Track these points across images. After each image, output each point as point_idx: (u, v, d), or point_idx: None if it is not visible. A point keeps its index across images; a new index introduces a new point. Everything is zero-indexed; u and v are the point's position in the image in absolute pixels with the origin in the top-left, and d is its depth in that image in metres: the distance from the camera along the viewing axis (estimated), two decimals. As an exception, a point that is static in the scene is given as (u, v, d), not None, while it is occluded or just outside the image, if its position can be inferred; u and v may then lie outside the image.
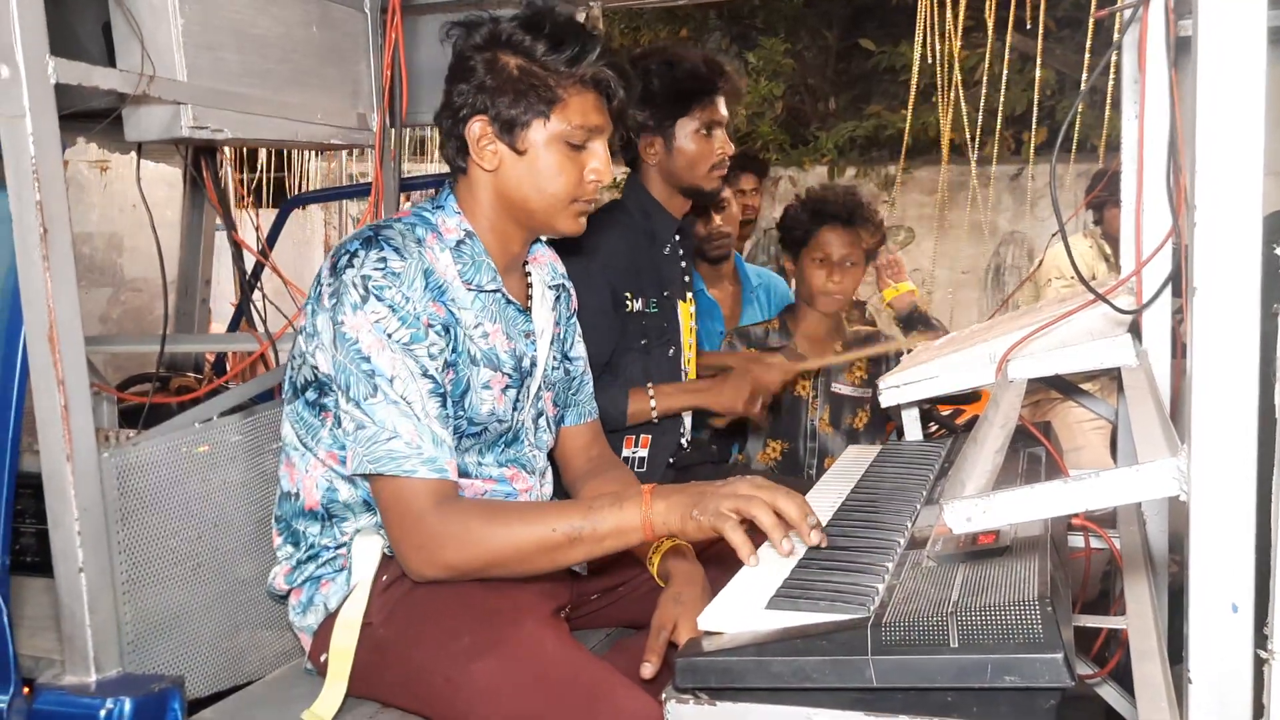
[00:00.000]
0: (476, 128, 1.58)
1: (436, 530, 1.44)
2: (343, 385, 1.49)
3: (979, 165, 6.32)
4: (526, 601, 1.50)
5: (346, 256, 1.51)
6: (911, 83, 5.28)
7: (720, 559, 1.66)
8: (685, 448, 2.39)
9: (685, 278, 2.45)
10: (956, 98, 5.04)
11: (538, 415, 1.74)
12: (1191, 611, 1.00)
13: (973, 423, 1.82)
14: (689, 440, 2.41)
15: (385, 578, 1.56)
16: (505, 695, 1.37)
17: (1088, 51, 4.94)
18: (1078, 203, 5.41)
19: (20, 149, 1.34)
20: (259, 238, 3.13)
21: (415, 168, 7.69)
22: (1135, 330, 1.68)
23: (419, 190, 4.06)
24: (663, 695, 1.18)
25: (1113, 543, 1.75)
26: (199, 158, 2.65)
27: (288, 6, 1.93)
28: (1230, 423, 0.97)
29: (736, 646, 1.17)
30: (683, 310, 2.42)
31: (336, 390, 1.50)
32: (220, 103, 1.75)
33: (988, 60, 5.18)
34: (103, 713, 1.39)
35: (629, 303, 2.25)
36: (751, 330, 2.93)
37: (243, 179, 7.76)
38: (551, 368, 1.76)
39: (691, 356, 2.45)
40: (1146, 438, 1.24)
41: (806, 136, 7.92)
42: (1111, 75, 4.18)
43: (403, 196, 2.64)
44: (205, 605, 1.70)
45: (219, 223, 3.04)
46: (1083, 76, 5.22)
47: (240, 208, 3.05)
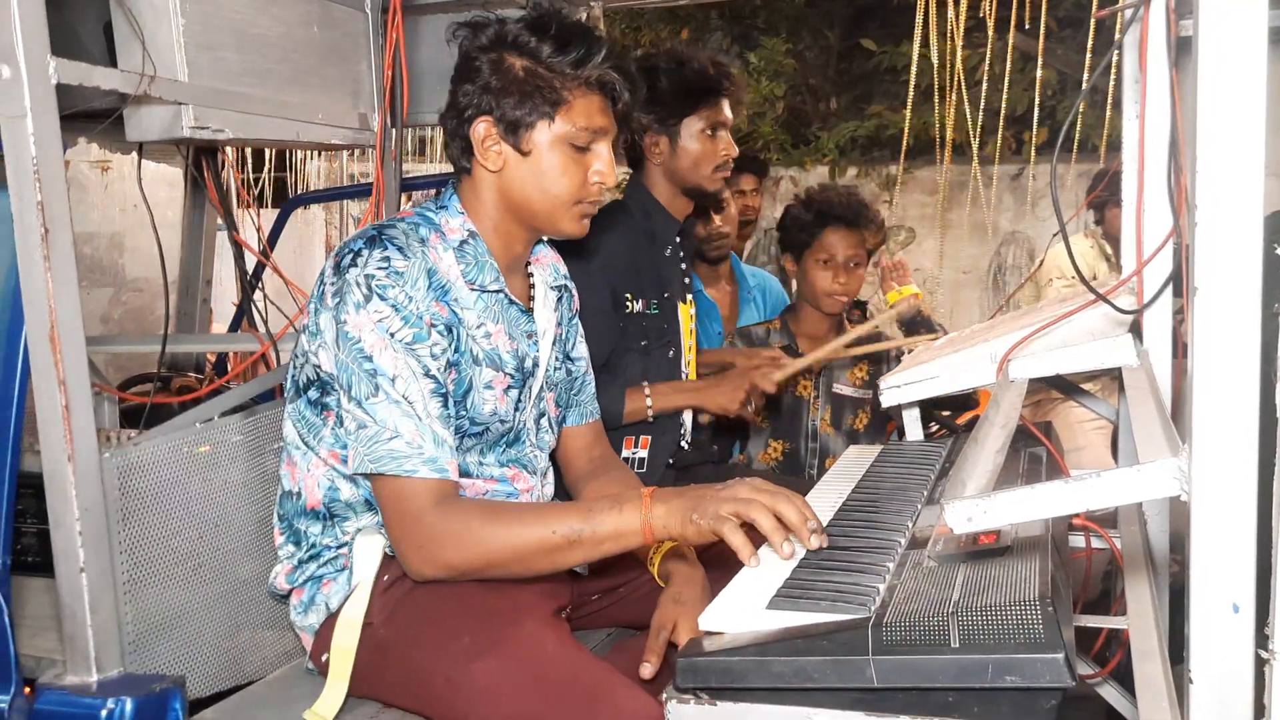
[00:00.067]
0: (481, 128, 1.58)
1: (436, 530, 1.44)
2: (345, 384, 1.49)
3: (980, 165, 6.32)
4: (527, 602, 1.50)
5: (350, 255, 1.51)
6: (911, 83, 5.27)
7: (720, 559, 1.66)
8: (685, 448, 2.39)
9: (685, 279, 2.45)
10: (958, 98, 5.04)
11: (539, 416, 1.74)
12: (1192, 611, 1.00)
13: (973, 423, 1.82)
14: (689, 441, 2.40)
15: (386, 577, 1.56)
16: (505, 695, 1.37)
17: (1089, 51, 4.94)
18: (1079, 203, 5.41)
19: (21, 149, 1.34)
20: (260, 238, 3.13)
21: (416, 168, 7.69)
22: (1136, 330, 1.68)
23: (420, 190, 4.06)
24: (663, 695, 1.18)
25: (1113, 543, 1.75)
26: (200, 158, 2.65)
27: (288, 6, 1.93)
28: (1231, 423, 0.97)
29: (737, 646, 1.17)
30: (683, 311, 2.42)
31: (338, 389, 1.51)
32: (221, 103, 1.75)
33: (988, 60, 5.17)
34: (104, 713, 1.39)
35: (629, 303, 2.25)
36: (753, 330, 2.93)
37: (244, 179, 7.76)
38: (553, 368, 1.76)
39: (691, 359, 2.45)
40: (1147, 438, 1.24)
41: (808, 136, 7.93)
42: (1112, 75, 4.18)
43: (404, 197, 2.64)
44: (206, 605, 1.70)
45: (220, 223, 3.04)
46: (1084, 76, 5.22)
47: (244, 208, 3.05)
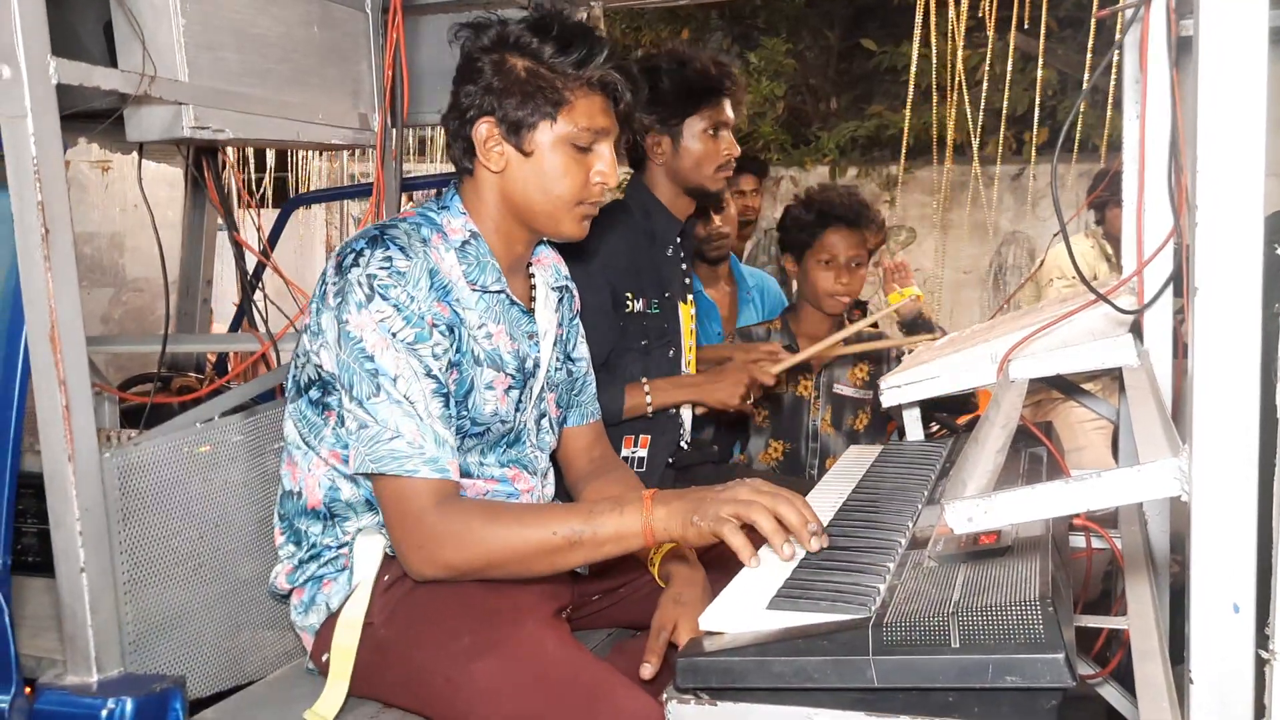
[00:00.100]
0: (483, 129, 1.58)
1: (437, 530, 1.44)
2: (346, 384, 1.49)
3: (981, 165, 6.32)
4: (527, 602, 1.50)
5: (352, 255, 1.51)
6: (910, 82, 5.27)
7: (721, 560, 1.66)
8: (685, 448, 2.39)
9: (686, 279, 2.46)
10: (959, 98, 5.04)
11: (540, 416, 1.74)
12: (1193, 611, 1.00)
13: (974, 423, 1.82)
14: (689, 441, 2.40)
15: (387, 577, 1.56)
16: (505, 695, 1.37)
17: (1089, 51, 4.94)
18: (1079, 203, 5.41)
19: (22, 149, 1.34)
20: (260, 238, 3.13)
21: (416, 168, 7.69)
22: (1137, 330, 1.68)
23: (421, 190, 4.06)
24: (663, 695, 1.18)
25: (1114, 543, 1.75)
26: (200, 158, 2.65)
27: (288, 6, 1.92)
28: (1231, 423, 0.97)
29: (737, 646, 1.17)
30: (683, 311, 2.42)
31: (340, 389, 1.51)
32: (221, 103, 1.75)
33: (989, 60, 5.17)
34: (104, 713, 1.38)
35: (630, 303, 2.25)
36: (753, 330, 2.93)
37: (246, 179, 7.76)
38: (554, 369, 1.76)
39: (692, 359, 2.45)
40: (1148, 438, 1.24)
41: (808, 136, 7.93)
42: (1113, 75, 4.18)
43: (404, 197, 2.64)
44: (207, 605, 1.70)
45: (220, 223, 3.04)
46: (1084, 76, 5.22)
47: (248, 208, 3.04)
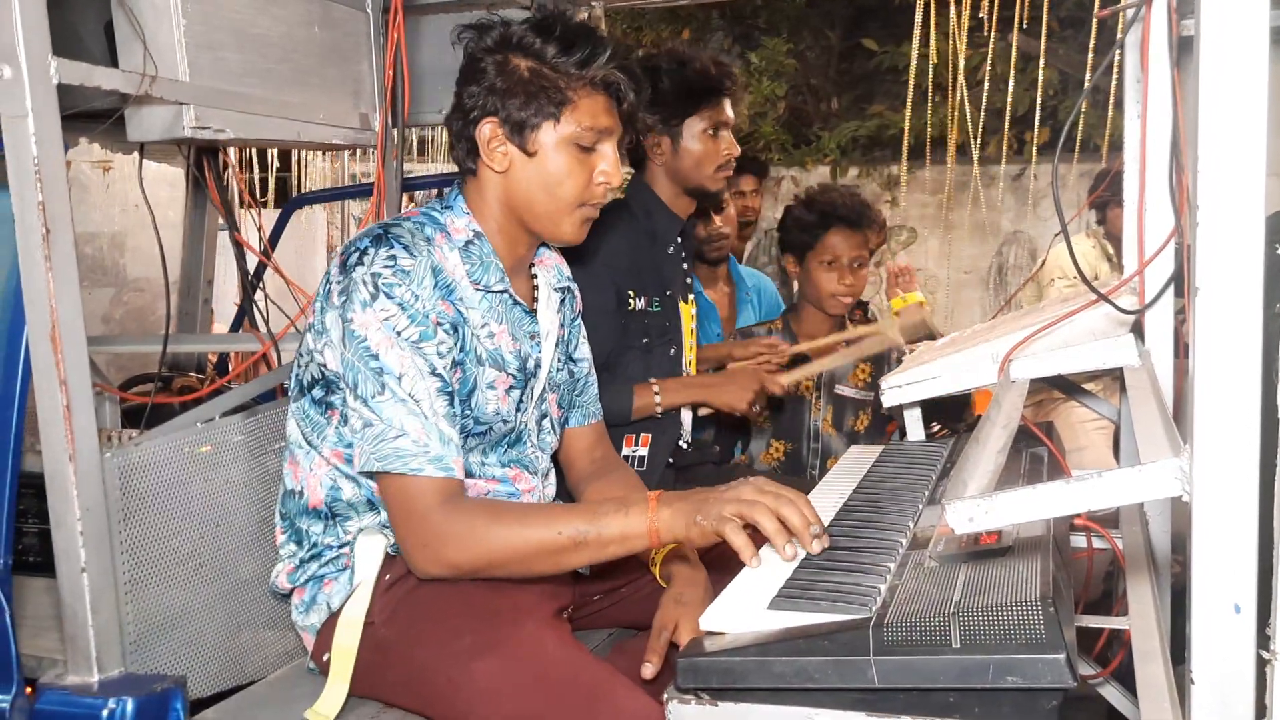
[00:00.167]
0: (487, 129, 1.58)
1: (441, 529, 1.44)
2: (351, 383, 1.49)
3: (982, 165, 6.31)
4: (528, 602, 1.50)
5: (356, 254, 1.51)
6: (909, 82, 5.27)
7: (722, 560, 1.66)
8: (685, 448, 2.39)
9: (686, 279, 2.46)
10: (960, 98, 5.04)
11: (541, 417, 1.74)
12: (1194, 612, 1.00)
13: (975, 423, 1.82)
14: (689, 441, 2.40)
15: (388, 577, 1.56)
16: (506, 695, 1.37)
17: (1090, 51, 4.94)
18: (1081, 203, 5.41)
19: (23, 149, 1.34)
20: (261, 238, 3.13)
21: (417, 168, 7.69)
22: (1138, 330, 1.68)
23: (422, 190, 4.06)
24: (664, 695, 1.18)
25: (1115, 543, 1.75)
26: (201, 158, 2.65)
27: (289, 6, 1.92)
28: (1232, 423, 0.97)
29: (738, 647, 1.17)
30: (684, 310, 2.42)
31: (344, 388, 1.51)
32: (222, 103, 1.75)
33: (990, 60, 5.17)
34: (105, 713, 1.39)
35: (631, 301, 2.26)
36: (754, 331, 2.93)
37: (249, 180, 7.76)
38: (556, 369, 1.76)
39: (692, 358, 2.45)
40: (1149, 438, 1.24)
41: (809, 136, 7.92)
42: (1114, 75, 4.18)
43: (405, 197, 2.64)
44: (207, 605, 1.70)
45: (221, 223, 3.04)
46: (1085, 76, 5.22)
47: (248, 208, 3.04)
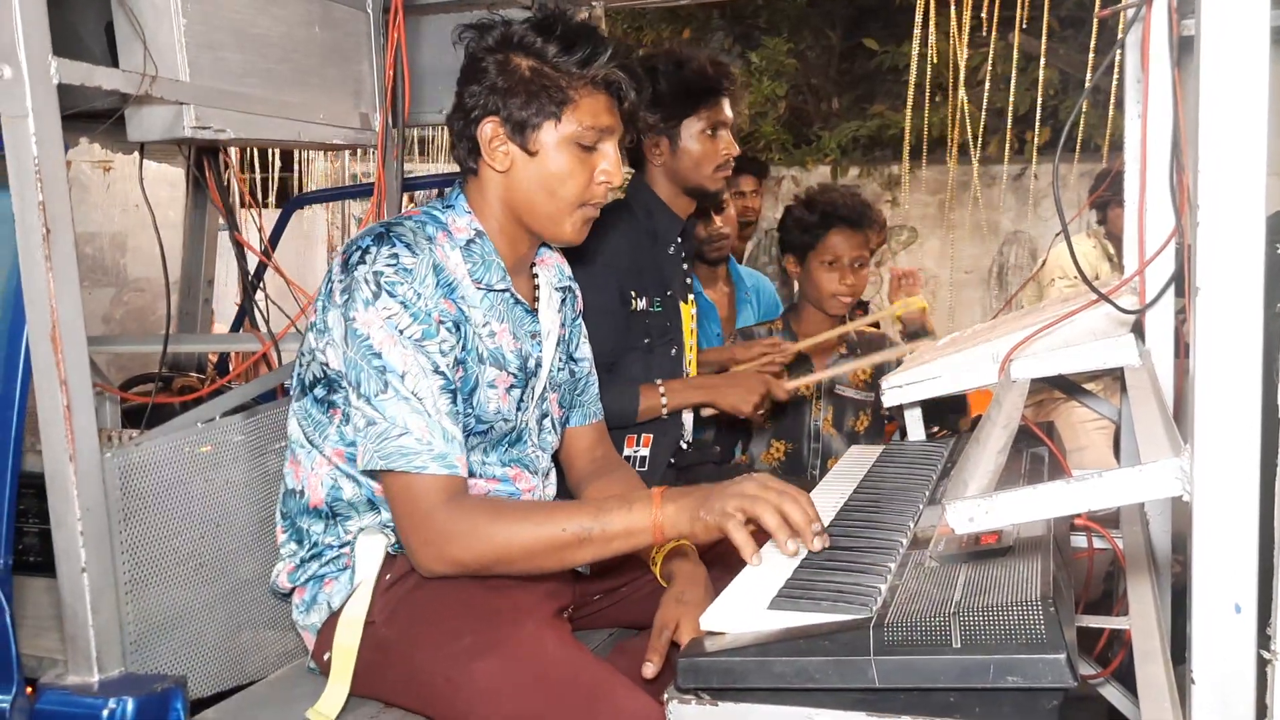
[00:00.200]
0: (488, 129, 1.58)
1: (445, 527, 1.45)
2: (354, 381, 1.49)
3: (982, 165, 6.31)
4: (528, 602, 1.50)
5: (358, 253, 1.51)
6: (910, 82, 5.27)
7: (723, 560, 1.66)
8: (686, 448, 2.39)
9: (686, 279, 2.46)
10: (961, 98, 5.04)
11: (542, 416, 1.74)
12: (1194, 612, 1.00)
13: (975, 423, 1.82)
14: (689, 441, 2.40)
15: (389, 577, 1.56)
16: (506, 695, 1.37)
17: (1091, 51, 4.94)
18: (1081, 202, 5.41)
19: (23, 149, 1.34)
20: (261, 238, 3.12)
21: (418, 168, 7.69)
22: (1138, 330, 1.68)
23: (422, 190, 4.06)
24: (664, 695, 1.18)
25: (1115, 543, 1.75)
26: (201, 158, 2.65)
27: (289, 6, 1.92)
28: (1233, 423, 0.97)
29: (739, 647, 1.17)
30: (684, 310, 2.43)
31: (347, 386, 1.51)
32: (222, 103, 1.75)
33: (991, 60, 5.17)
34: (105, 712, 1.39)
35: (633, 301, 2.26)
36: (755, 331, 2.93)
37: (250, 179, 7.76)
38: (557, 369, 1.76)
39: (693, 358, 2.45)
40: (1149, 438, 1.24)
41: (809, 136, 7.93)
42: (1115, 75, 4.18)
43: (406, 197, 2.64)
44: (208, 605, 1.70)
45: (222, 223, 3.04)
46: (1086, 76, 5.22)
47: (246, 208, 3.04)
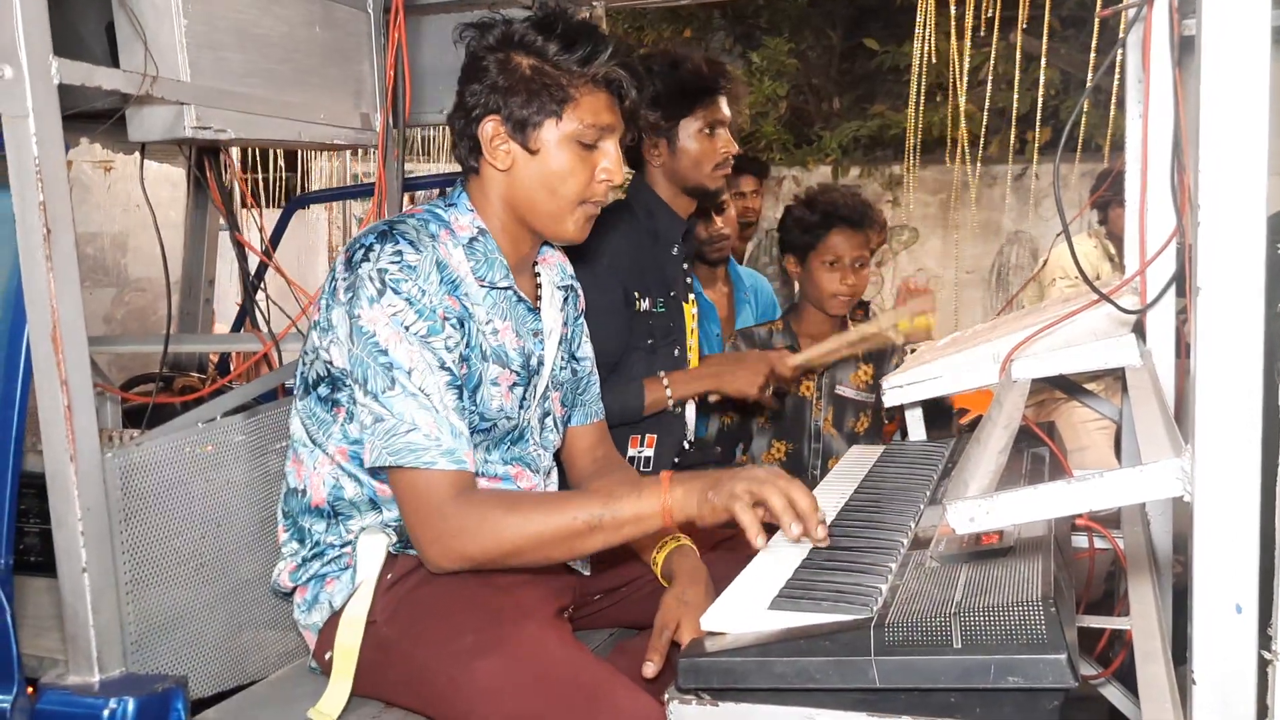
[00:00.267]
0: (489, 127, 1.58)
1: (455, 522, 1.45)
2: (360, 378, 1.49)
3: (984, 165, 6.31)
4: (529, 602, 1.50)
5: (362, 251, 1.51)
6: (912, 83, 5.27)
7: (723, 559, 1.66)
8: (688, 449, 2.39)
9: (688, 279, 2.46)
10: (963, 98, 5.04)
11: (544, 415, 1.74)
12: (1195, 612, 1.00)
13: (976, 423, 1.82)
14: (691, 442, 2.41)
15: (390, 576, 1.56)
16: (507, 695, 1.37)
17: (1093, 51, 4.93)
18: (1082, 202, 5.40)
19: (24, 149, 1.34)
20: (262, 238, 3.13)
21: (418, 168, 7.70)
22: (1139, 330, 1.68)
23: (423, 190, 4.07)
24: (665, 695, 1.18)
25: (1116, 543, 1.75)
26: (202, 158, 2.65)
27: (290, 6, 1.92)
28: (1234, 423, 0.97)
29: (739, 647, 1.17)
30: (686, 311, 2.43)
31: (353, 384, 1.51)
32: (223, 103, 1.75)
33: (993, 60, 5.17)
34: (106, 712, 1.39)
35: (637, 301, 2.26)
36: (755, 331, 2.93)
37: (253, 180, 7.76)
38: (559, 368, 1.76)
39: (693, 358, 2.45)
40: (1150, 438, 1.24)
41: (810, 136, 7.92)
42: (1116, 75, 4.17)
43: (407, 197, 2.64)
44: (209, 605, 1.70)
45: (222, 223, 3.04)
46: (1087, 76, 5.22)
47: (247, 208, 3.04)
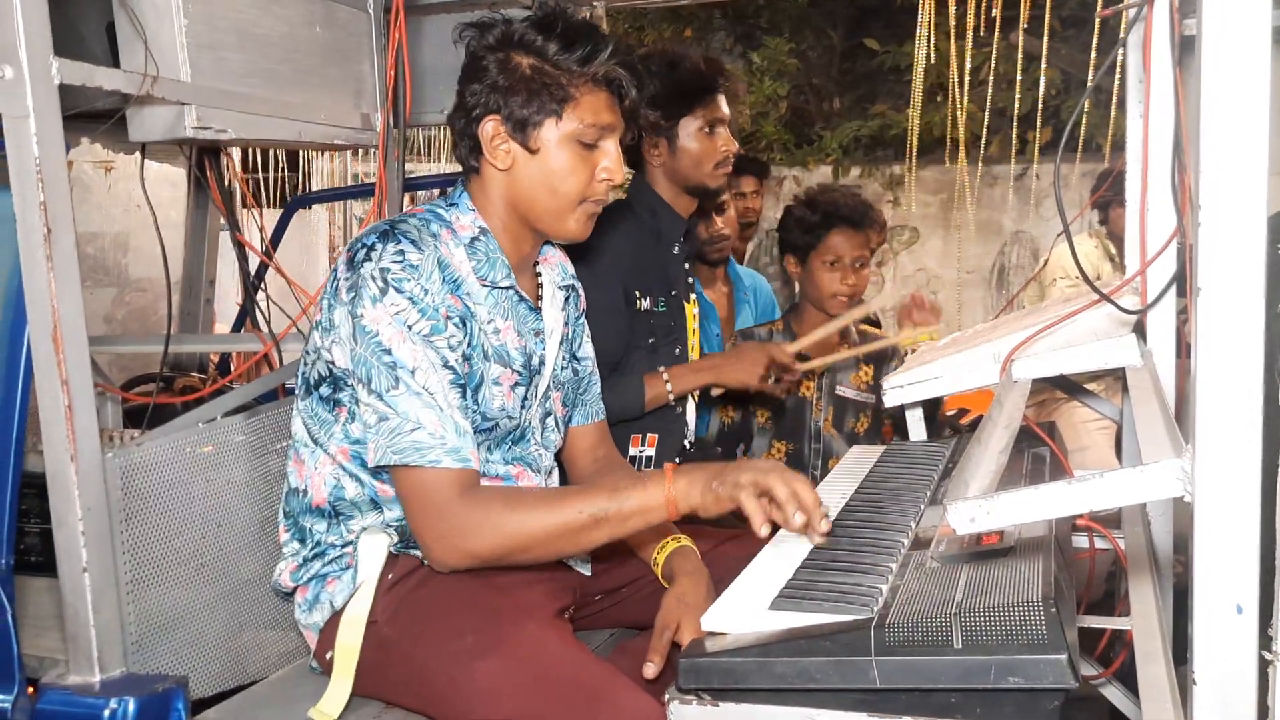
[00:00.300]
0: (489, 127, 1.58)
1: (460, 520, 1.45)
2: (363, 378, 1.49)
3: (984, 165, 6.31)
4: (529, 602, 1.50)
5: (364, 250, 1.51)
6: (912, 83, 5.27)
7: (724, 559, 1.66)
8: (689, 449, 2.39)
9: (689, 279, 2.46)
10: (962, 98, 5.04)
11: (545, 415, 1.74)
12: (1196, 612, 1.00)
13: (977, 423, 1.82)
14: (691, 442, 2.41)
15: (391, 576, 1.56)
16: (507, 695, 1.37)
17: (1093, 51, 4.93)
18: (1083, 202, 5.40)
19: (24, 149, 1.34)
20: (263, 238, 3.13)
21: (419, 168, 7.70)
22: (1140, 330, 1.68)
23: (423, 190, 4.07)
24: (666, 696, 1.18)
25: (1117, 543, 1.75)
26: (203, 158, 2.65)
27: (291, 6, 1.93)
28: (1235, 423, 0.97)
29: (740, 647, 1.17)
30: (688, 310, 2.43)
31: (356, 383, 1.51)
32: (224, 103, 1.75)
33: (994, 60, 5.16)
34: (106, 712, 1.39)
35: (638, 300, 2.26)
36: (755, 332, 2.93)
37: (255, 180, 7.76)
38: (560, 367, 1.76)
39: (695, 358, 2.45)
40: (1151, 438, 1.24)
41: (811, 136, 7.92)
42: (1117, 75, 4.17)
43: (407, 197, 2.64)
44: (209, 605, 1.70)
45: (223, 223, 3.04)
46: (1088, 76, 5.21)
47: (248, 208, 3.04)
